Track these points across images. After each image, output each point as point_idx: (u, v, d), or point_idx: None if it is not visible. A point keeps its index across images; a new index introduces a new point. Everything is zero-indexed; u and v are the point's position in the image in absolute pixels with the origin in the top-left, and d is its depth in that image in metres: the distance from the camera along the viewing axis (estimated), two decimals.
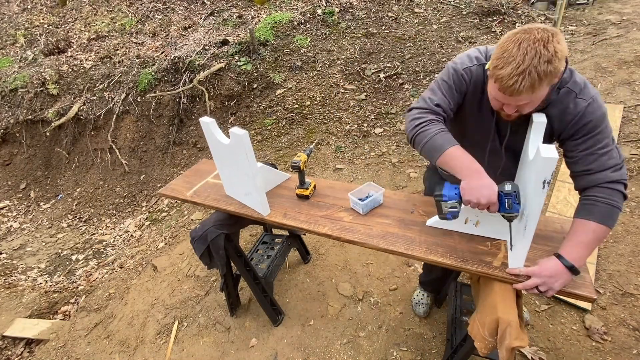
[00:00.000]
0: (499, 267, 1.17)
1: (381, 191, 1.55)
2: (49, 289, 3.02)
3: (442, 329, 1.99)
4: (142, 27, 6.19)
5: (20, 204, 4.87)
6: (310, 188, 1.65)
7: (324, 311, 2.18)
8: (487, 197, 1.05)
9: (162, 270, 2.70)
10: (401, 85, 4.41)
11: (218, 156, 1.63)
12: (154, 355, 2.11)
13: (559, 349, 1.82)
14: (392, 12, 5.69)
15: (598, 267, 2.19)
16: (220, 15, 6.10)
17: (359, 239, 1.37)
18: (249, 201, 1.63)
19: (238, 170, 1.53)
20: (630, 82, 3.49)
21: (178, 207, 3.76)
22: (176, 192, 1.82)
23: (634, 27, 4.58)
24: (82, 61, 5.60)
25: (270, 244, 2.37)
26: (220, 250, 1.71)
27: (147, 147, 4.78)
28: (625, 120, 3.07)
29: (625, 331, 1.86)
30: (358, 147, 3.85)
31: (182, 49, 5.18)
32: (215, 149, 1.61)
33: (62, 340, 2.33)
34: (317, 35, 5.31)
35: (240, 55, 4.88)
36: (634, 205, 2.48)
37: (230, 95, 4.65)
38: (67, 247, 3.88)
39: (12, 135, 5.19)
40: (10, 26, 6.80)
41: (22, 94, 5.18)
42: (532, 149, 1.07)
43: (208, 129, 1.54)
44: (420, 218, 1.44)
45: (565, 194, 2.64)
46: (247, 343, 2.05)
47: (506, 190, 1.06)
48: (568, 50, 0.98)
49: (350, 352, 1.94)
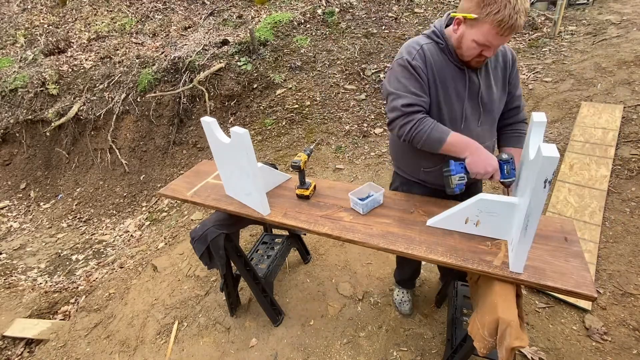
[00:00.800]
0: (499, 266, 1.17)
1: (381, 191, 1.55)
2: (49, 289, 3.02)
3: (442, 329, 1.99)
4: (142, 27, 6.19)
5: (20, 204, 4.87)
6: (310, 188, 1.65)
7: (324, 311, 2.18)
8: (492, 166, 1.22)
9: (162, 270, 2.70)
10: None
11: (219, 156, 1.63)
12: (154, 355, 2.11)
13: (559, 349, 1.82)
14: (392, 12, 5.69)
15: (598, 267, 2.19)
16: (220, 15, 6.11)
17: (359, 239, 1.37)
18: (250, 201, 1.63)
19: (238, 170, 1.53)
20: (630, 82, 3.49)
21: (178, 207, 3.76)
22: (176, 192, 1.82)
23: (634, 27, 4.58)
24: (82, 61, 5.60)
25: (270, 244, 2.37)
26: (220, 250, 1.71)
27: (147, 147, 4.78)
28: (625, 120, 3.07)
29: (625, 331, 1.86)
30: (358, 147, 3.85)
31: (182, 49, 5.18)
32: (216, 149, 1.61)
33: (62, 340, 2.33)
34: (317, 35, 5.32)
35: (240, 55, 4.88)
36: (634, 205, 2.48)
37: (230, 95, 4.65)
38: (67, 247, 3.88)
39: (12, 135, 5.19)
40: (10, 26, 6.80)
41: (22, 94, 5.18)
42: (533, 148, 1.07)
43: (209, 128, 1.54)
44: (421, 218, 1.44)
45: (565, 193, 2.64)
46: (247, 343, 2.05)
47: (504, 158, 1.24)
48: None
49: (350, 352, 1.94)
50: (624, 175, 2.69)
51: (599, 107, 3.28)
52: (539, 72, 4.16)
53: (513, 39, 5.04)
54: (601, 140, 2.95)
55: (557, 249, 1.22)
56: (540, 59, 4.45)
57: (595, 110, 3.26)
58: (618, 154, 2.83)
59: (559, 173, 2.81)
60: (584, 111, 3.29)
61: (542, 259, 1.18)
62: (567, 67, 4.11)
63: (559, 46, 4.66)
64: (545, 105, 3.61)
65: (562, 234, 1.28)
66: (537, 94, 3.81)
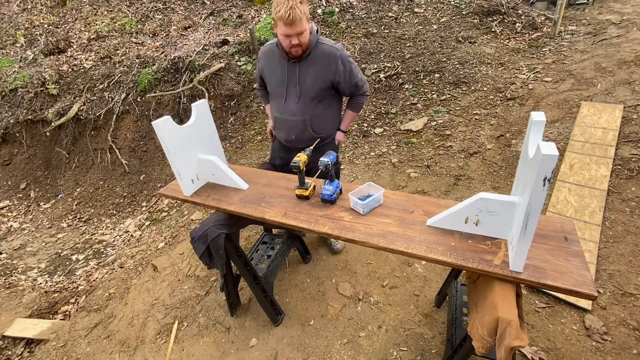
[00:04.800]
0: (499, 265, 1.17)
1: (381, 191, 1.55)
2: (49, 289, 3.02)
3: (442, 329, 1.99)
4: (142, 27, 6.19)
5: (20, 204, 4.87)
6: (310, 189, 1.65)
7: (324, 311, 2.18)
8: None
9: (162, 270, 2.70)
10: (401, 85, 4.41)
11: (178, 150, 1.67)
12: (154, 355, 2.11)
13: (559, 349, 1.82)
14: (392, 12, 5.70)
15: (598, 267, 2.19)
16: (220, 15, 6.11)
17: (359, 238, 1.37)
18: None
19: (201, 143, 1.80)
20: (630, 82, 3.49)
21: (178, 207, 3.76)
22: (176, 192, 1.82)
23: (634, 27, 4.58)
24: (82, 61, 5.60)
25: (270, 244, 2.37)
26: (220, 250, 1.71)
27: (147, 147, 4.78)
28: (625, 120, 3.07)
29: (625, 331, 1.86)
30: (358, 147, 3.85)
31: (182, 49, 5.18)
32: (174, 143, 1.64)
33: (62, 340, 2.33)
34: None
35: (240, 55, 4.88)
36: (634, 205, 2.48)
37: (230, 95, 4.65)
38: (67, 247, 3.88)
39: (12, 135, 5.19)
40: (10, 26, 6.80)
41: (22, 94, 5.18)
42: (532, 146, 1.07)
43: (164, 127, 1.58)
44: (421, 218, 1.44)
45: (565, 193, 2.64)
46: (247, 343, 2.05)
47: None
48: (309, 14, 1.71)
49: (350, 352, 1.94)
50: (624, 175, 2.68)
51: (599, 107, 3.28)
52: (539, 72, 4.16)
53: (513, 38, 5.04)
54: (601, 140, 2.95)
55: (557, 248, 1.22)
56: (541, 59, 4.45)
57: (596, 110, 3.26)
58: (618, 153, 2.83)
59: (559, 173, 2.81)
60: (584, 111, 3.29)
61: (542, 258, 1.18)
62: (567, 67, 4.11)
63: (559, 46, 4.66)
64: (545, 105, 3.61)
65: (562, 234, 1.28)
66: (537, 93, 3.81)
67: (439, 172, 3.26)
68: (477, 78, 4.24)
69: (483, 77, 4.24)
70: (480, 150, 3.36)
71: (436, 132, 3.72)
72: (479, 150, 3.37)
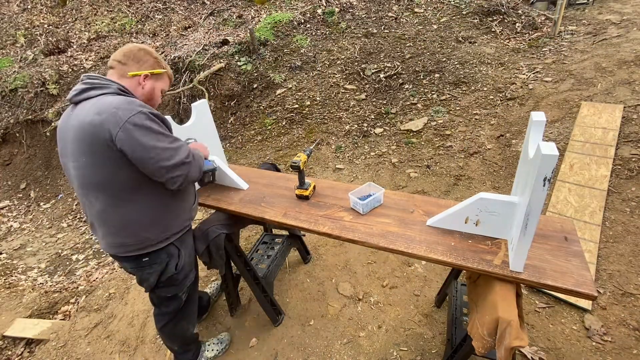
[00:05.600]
0: (499, 265, 1.17)
1: (381, 191, 1.55)
2: (49, 289, 3.02)
3: (442, 329, 1.99)
4: (142, 27, 6.19)
5: (20, 204, 4.87)
6: (310, 189, 1.65)
7: (324, 311, 2.18)
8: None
9: None
10: (401, 85, 4.41)
11: None
12: (154, 355, 2.11)
13: (559, 349, 1.82)
14: (392, 12, 5.70)
15: (598, 267, 2.19)
16: (220, 15, 6.11)
17: (359, 238, 1.37)
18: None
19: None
20: (630, 82, 3.49)
21: None
22: None
23: (634, 27, 4.58)
24: (82, 61, 5.60)
25: (270, 244, 2.37)
26: (221, 250, 1.71)
27: None
28: (625, 120, 3.07)
29: (625, 331, 1.86)
30: (358, 147, 3.85)
31: (182, 49, 5.18)
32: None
33: (62, 340, 2.32)
34: (317, 35, 5.32)
35: (240, 55, 4.88)
36: (634, 205, 2.48)
37: (230, 95, 4.65)
38: (67, 247, 3.88)
39: (12, 135, 5.19)
40: (10, 26, 6.80)
41: (22, 94, 5.18)
42: (532, 146, 1.07)
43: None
44: (421, 218, 1.44)
45: (566, 193, 2.64)
46: (247, 343, 2.05)
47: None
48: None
49: (350, 352, 1.94)
50: (624, 175, 2.68)
51: (599, 107, 3.28)
52: (539, 72, 4.16)
53: (513, 38, 5.04)
54: (601, 140, 2.95)
55: (557, 248, 1.22)
56: (540, 59, 4.45)
57: (596, 110, 3.26)
58: (618, 153, 2.83)
59: (559, 173, 2.81)
60: (584, 111, 3.29)
61: (542, 258, 1.18)
62: (567, 67, 4.11)
63: (559, 46, 4.66)
64: (545, 105, 3.61)
65: (562, 234, 1.28)
66: (537, 93, 3.81)
67: (439, 172, 3.26)
68: (477, 78, 4.24)
69: (483, 77, 4.24)
70: (480, 150, 3.36)
71: (436, 132, 3.72)
72: (479, 150, 3.37)
